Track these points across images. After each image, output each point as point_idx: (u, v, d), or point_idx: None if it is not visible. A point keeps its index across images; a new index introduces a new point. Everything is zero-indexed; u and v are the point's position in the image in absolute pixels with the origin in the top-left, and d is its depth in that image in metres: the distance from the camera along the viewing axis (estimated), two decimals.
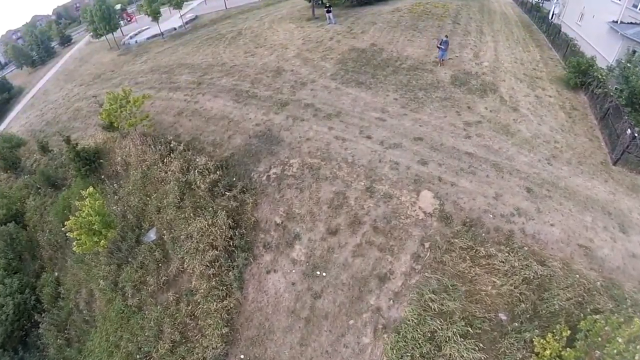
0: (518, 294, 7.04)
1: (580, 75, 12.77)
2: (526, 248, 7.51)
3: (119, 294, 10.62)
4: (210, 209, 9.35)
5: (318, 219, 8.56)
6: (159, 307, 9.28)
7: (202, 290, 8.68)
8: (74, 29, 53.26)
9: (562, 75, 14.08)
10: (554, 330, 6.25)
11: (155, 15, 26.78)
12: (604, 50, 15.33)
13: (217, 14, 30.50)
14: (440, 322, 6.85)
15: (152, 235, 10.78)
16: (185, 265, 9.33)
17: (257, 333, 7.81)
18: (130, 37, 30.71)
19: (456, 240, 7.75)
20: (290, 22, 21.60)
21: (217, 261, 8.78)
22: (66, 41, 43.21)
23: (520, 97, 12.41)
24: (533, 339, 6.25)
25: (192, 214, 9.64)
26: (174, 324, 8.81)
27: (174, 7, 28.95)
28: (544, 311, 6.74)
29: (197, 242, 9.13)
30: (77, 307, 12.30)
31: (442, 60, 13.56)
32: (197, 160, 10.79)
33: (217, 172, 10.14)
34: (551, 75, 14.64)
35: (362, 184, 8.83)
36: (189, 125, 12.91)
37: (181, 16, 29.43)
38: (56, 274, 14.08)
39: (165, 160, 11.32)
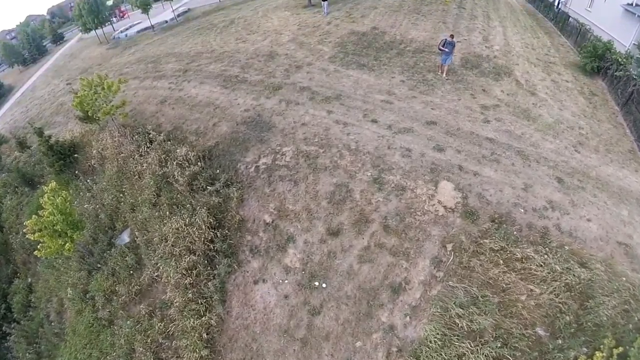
0: (559, 304, 5.53)
1: (597, 59, 11.57)
2: (567, 247, 5.99)
3: (89, 305, 8.94)
4: (189, 205, 7.66)
5: (316, 217, 6.89)
6: (129, 321, 7.59)
7: (177, 303, 7.01)
8: (68, 27, 51.14)
9: (575, 61, 12.92)
10: (601, 346, 4.91)
11: (145, 8, 24.90)
12: (620, 35, 13.91)
13: (210, 6, 28.64)
14: (470, 343, 5.27)
15: (125, 237, 9.08)
16: (160, 273, 7.65)
17: (242, 356, 6.17)
18: (121, 32, 28.80)
19: (485, 241, 6.13)
20: (286, 10, 19.83)
21: (195, 268, 7.10)
22: (58, 39, 41.17)
23: (536, 81, 10.86)
24: (578, 359, 4.95)
25: (168, 212, 7.94)
26: (147, 342, 7.14)
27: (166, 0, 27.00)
28: (588, 323, 5.33)
29: (172, 245, 7.45)
30: (48, 318, 10.60)
31: (444, 66, 10.23)
32: (177, 151, 9.07)
33: (199, 163, 8.44)
34: (565, 60, 13.20)
35: (369, 174, 7.16)
36: (171, 114, 11.18)
37: (173, 9, 27.55)
38: (29, 279, 12.35)
39: (142, 152, 9.59)
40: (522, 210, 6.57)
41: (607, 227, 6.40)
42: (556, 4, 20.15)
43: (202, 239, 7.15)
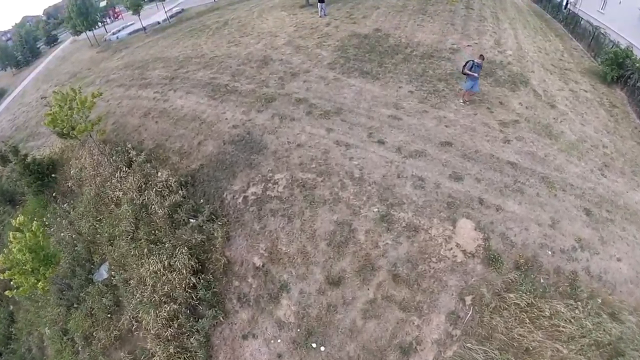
0: None
1: (617, 68, 10.52)
2: (599, 300, 5.14)
3: (69, 345, 7.98)
4: (168, 243, 6.58)
5: (313, 262, 5.82)
6: None
7: (159, 357, 6.00)
8: (63, 28, 49.43)
9: (591, 67, 11.88)
10: None
11: (136, 9, 23.45)
12: (637, 39, 12.61)
13: (205, 6, 27.12)
14: None
15: (103, 272, 8.04)
16: (140, 319, 6.64)
17: None
18: (113, 34, 27.38)
19: (510, 295, 5.09)
20: (282, 10, 18.44)
21: (177, 318, 6.07)
22: (52, 41, 39.72)
23: (554, 91, 9.73)
24: None
25: (146, 250, 6.87)
26: None
27: (158, 0, 25.51)
28: None
29: (151, 290, 6.40)
30: (30, 352, 9.66)
31: (469, 93, 8.13)
32: (159, 174, 7.97)
33: (180, 191, 7.34)
34: (580, 67, 12.09)
35: (375, 210, 6.05)
36: (154, 128, 10.03)
37: (166, 10, 26.05)
38: (11, 307, 11.40)
39: (120, 176, 8.49)
40: (550, 253, 5.59)
41: (637, 266, 5.56)
42: (564, 4, 18.93)
43: (183, 285, 6.11)
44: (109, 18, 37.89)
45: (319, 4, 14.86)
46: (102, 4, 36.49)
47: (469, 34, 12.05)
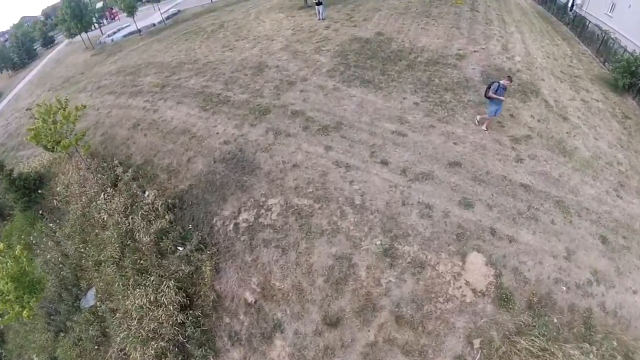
0: None
1: (630, 76, 9.99)
2: (614, 342, 4.73)
3: None
4: (155, 275, 6.08)
5: (309, 300, 5.32)
6: None
7: None
8: (60, 30, 48.53)
9: (600, 74, 11.34)
10: None
11: (130, 11, 22.70)
12: None
13: (202, 7, 26.36)
14: None
15: (90, 299, 7.57)
16: (128, 352, 6.18)
17: None
18: (108, 36, 26.67)
19: (522, 341, 4.61)
20: (280, 11, 17.72)
21: (165, 356, 5.60)
22: (49, 42, 38.91)
23: (566, 102, 9.16)
24: None
25: (133, 280, 6.38)
26: None
27: (154, 1, 24.74)
28: None
29: (137, 325, 5.93)
30: None
31: (493, 118, 7.22)
32: (146, 193, 7.45)
33: (168, 215, 6.83)
34: (590, 73, 11.49)
35: (378, 242, 5.52)
36: (143, 142, 9.49)
37: (161, 12, 25.28)
38: (1, 326, 11.00)
39: (106, 196, 7.97)
40: (565, 288, 5.15)
41: None
42: (569, 5, 18.18)
43: (171, 322, 5.63)
44: (106, 19, 37.07)
45: (316, 7, 14.15)
46: (99, 5, 35.60)
47: (476, 39, 11.39)
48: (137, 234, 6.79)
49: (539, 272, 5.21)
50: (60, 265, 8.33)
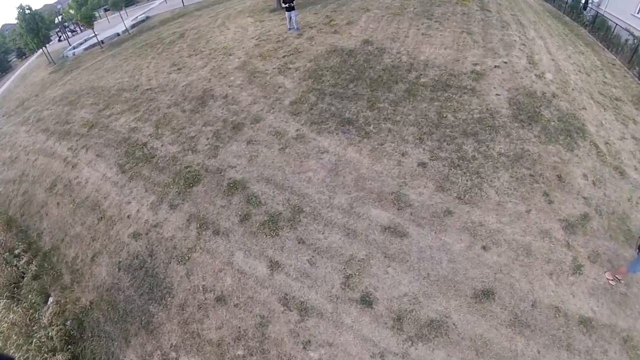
0: None
1: None
2: None
3: None
4: None
5: None
6: None
7: None
8: (18, 44, 45.20)
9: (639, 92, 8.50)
10: None
11: (88, 21, 19.57)
12: None
13: (172, 12, 23.04)
14: None
15: None
16: None
17: None
18: (74, 48, 23.58)
19: None
20: (249, 15, 14.53)
21: None
22: (22, 54, 35.70)
23: (616, 143, 6.40)
24: None
25: None
26: None
27: (117, 9, 21.48)
28: None
29: None
30: None
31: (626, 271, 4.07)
32: (50, 300, 4.83)
33: (64, 352, 4.20)
34: (629, 93, 8.57)
35: None
36: (54, 215, 6.84)
37: (125, 21, 22.02)
38: None
39: (5, 304, 5.33)
40: None
41: None
42: (583, 4, 15.15)
43: None
44: (79, 27, 33.73)
45: (286, 13, 10.33)
46: (58, 18, 32.21)
47: (493, 48, 8.24)
48: None
49: None
50: None
